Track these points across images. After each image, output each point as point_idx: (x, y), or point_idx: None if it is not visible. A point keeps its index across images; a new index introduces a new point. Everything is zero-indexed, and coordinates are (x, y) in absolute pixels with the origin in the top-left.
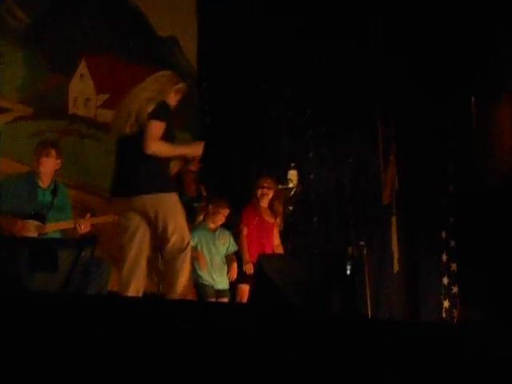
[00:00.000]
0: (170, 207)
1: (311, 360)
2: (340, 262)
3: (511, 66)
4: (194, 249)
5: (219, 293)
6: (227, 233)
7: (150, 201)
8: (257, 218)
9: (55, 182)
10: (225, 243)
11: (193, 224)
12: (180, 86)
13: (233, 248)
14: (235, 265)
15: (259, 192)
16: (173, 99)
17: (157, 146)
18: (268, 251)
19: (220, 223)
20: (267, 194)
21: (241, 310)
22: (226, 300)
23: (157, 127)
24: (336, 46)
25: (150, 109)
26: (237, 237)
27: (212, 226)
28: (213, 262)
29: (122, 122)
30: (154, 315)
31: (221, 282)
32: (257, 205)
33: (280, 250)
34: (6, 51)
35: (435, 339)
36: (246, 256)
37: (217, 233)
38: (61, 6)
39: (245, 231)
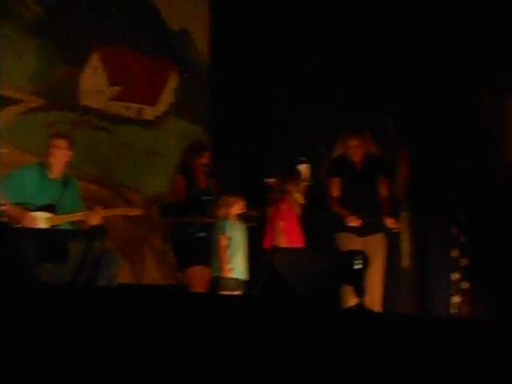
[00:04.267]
0: None
1: (318, 353)
2: (349, 256)
3: None
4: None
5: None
6: (244, 226)
7: None
8: (292, 213)
9: (66, 174)
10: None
11: (206, 216)
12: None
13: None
14: None
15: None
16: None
17: None
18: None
19: (235, 213)
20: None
21: (250, 302)
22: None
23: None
24: (349, 38)
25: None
26: (255, 231)
27: (233, 216)
28: (241, 252)
29: None
30: (163, 307)
31: (244, 272)
32: (291, 198)
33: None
34: (18, 42)
35: (444, 334)
36: None
37: (239, 223)
38: None
39: (281, 224)
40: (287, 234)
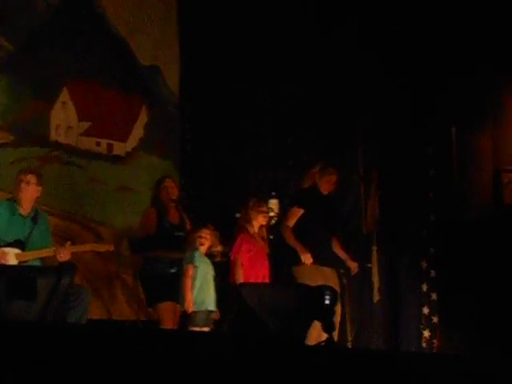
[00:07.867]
0: None
1: None
2: (319, 291)
3: (491, 94)
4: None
5: (211, 313)
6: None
7: None
8: (252, 246)
9: (36, 210)
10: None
11: (177, 252)
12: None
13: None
14: None
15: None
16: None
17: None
18: (266, 278)
19: (207, 247)
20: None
21: (220, 338)
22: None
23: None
24: (316, 72)
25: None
26: (223, 266)
27: (202, 249)
28: (209, 284)
29: None
30: (134, 344)
31: (214, 303)
32: (251, 231)
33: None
34: None
35: (415, 369)
36: None
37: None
38: (43, 34)
39: (237, 258)
40: (243, 268)
